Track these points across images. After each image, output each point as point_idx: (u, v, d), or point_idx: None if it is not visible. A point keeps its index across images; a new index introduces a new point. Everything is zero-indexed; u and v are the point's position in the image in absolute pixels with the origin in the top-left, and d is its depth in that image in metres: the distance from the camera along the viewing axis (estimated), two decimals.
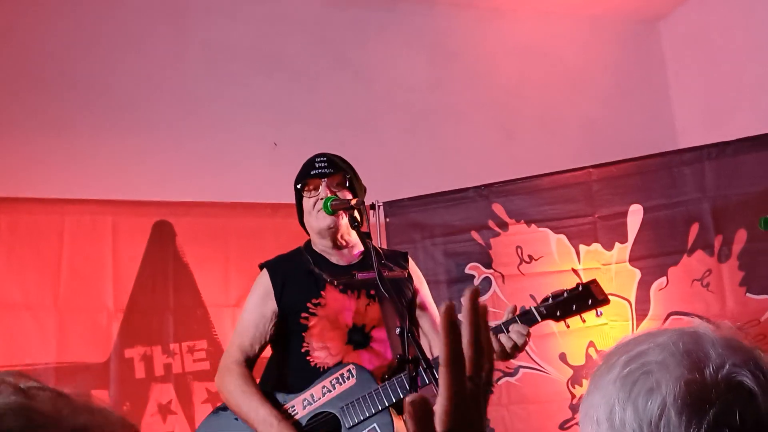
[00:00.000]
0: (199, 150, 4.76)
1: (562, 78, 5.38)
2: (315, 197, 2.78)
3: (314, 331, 2.74)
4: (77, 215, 4.13)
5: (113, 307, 4.08)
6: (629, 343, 0.97)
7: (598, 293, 2.50)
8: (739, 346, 0.92)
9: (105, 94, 4.69)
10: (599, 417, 0.93)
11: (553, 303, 2.51)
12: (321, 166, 2.81)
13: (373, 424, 2.56)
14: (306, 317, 2.75)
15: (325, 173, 2.79)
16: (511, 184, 4.34)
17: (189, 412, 4.06)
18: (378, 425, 2.55)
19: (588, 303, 2.49)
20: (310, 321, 2.74)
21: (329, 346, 2.73)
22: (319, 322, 2.74)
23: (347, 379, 2.63)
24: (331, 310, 2.75)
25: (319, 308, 2.75)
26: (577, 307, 2.49)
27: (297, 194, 2.87)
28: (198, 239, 4.27)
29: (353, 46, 5.18)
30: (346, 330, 2.74)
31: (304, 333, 2.74)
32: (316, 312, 2.75)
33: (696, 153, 4.15)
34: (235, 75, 4.95)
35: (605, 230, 4.19)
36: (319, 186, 2.79)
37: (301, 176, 2.85)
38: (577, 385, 4.11)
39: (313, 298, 2.76)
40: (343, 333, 2.74)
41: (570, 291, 2.51)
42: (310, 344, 2.74)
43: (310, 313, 2.75)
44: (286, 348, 2.81)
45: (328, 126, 4.90)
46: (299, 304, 2.76)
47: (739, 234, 3.99)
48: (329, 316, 2.75)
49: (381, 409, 2.55)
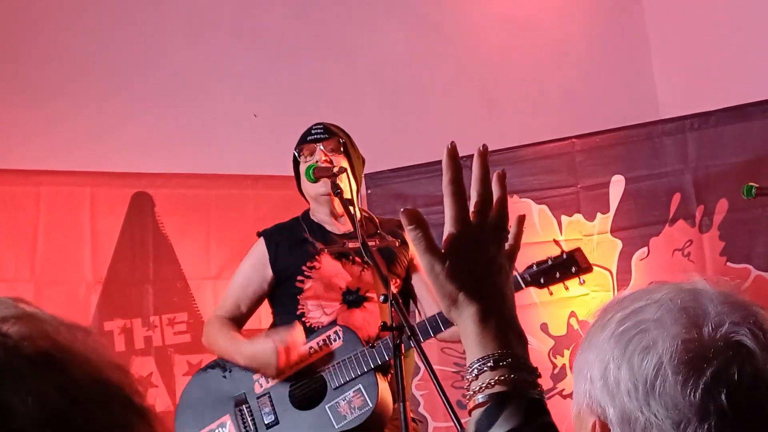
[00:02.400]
0: (178, 121, 4.70)
1: (545, 49, 5.35)
2: (310, 162, 2.79)
3: (309, 293, 2.78)
4: (54, 186, 4.07)
5: (92, 280, 4.04)
6: (625, 299, 0.95)
7: (581, 261, 2.54)
8: (738, 302, 0.90)
9: (83, 64, 4.61)
10: (593, 375, 0.92)
11: (537, 270, 2.53)
12: (317, 132, 2.86)
13: (358, 384, 2.58)
14: (302, 280, 2.79)
15: (319, 138, 2.84)
16: (494, 154, 4.29)
17: (170, 384, 4.04)
18: (363, 386, 2.57)
19: (572, 270, 2.52)
20: (305, 284, 2.78)
21: (324, 305, 2.76)
22: (314, 284, 2.78)
23: (334, 341, 2.65)
24: (326, 273, 2.79)
25: (314, 271, 2.79)
26: (560, 274, 2.53)
27: (294, 161, 2.91)
28: (177, 211, 4.23)
29: (334, 17, 5.12)
30: (340, 292, 2.79)
31: (300, 296, 2.78)
32: (311, 275, 2.79)
33: (678, 123, 4.15)
34: (216, 45, 4.89)
35: (587, 201, 4.19)
36: (314, 151, 2.82)
37: (298, 143, 2.89)
38: (558, 355, 4.13)
39: (308, 261, 2.80)
40: (338, 294, 2.78)
41: (554, 259, 2.54)
42: (305, 306, 2.78)
43: (305, 276, 2.79)
44: (282, 312, 2.85)
45: (308, 97, 4.85)
46: (294, 267, 2.80)
47: (721, 204, 4.00)
48: (323, 279, 2.78)
49: (366, 370, 2.57)
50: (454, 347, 4.18)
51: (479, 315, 0.96)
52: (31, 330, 0.61)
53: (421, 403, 4.17)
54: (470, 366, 0.96)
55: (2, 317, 0.61)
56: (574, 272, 2.53)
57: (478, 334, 0.96)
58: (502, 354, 0.94)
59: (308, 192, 2.86)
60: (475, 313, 0.96)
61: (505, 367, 0.94)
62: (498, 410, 0.91)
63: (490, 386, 0.93)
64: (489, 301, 0.97)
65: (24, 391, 0.56)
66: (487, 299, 0.97)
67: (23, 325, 0.61)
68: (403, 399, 2.19)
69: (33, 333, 0.61)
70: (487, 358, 0.94)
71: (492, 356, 0.94)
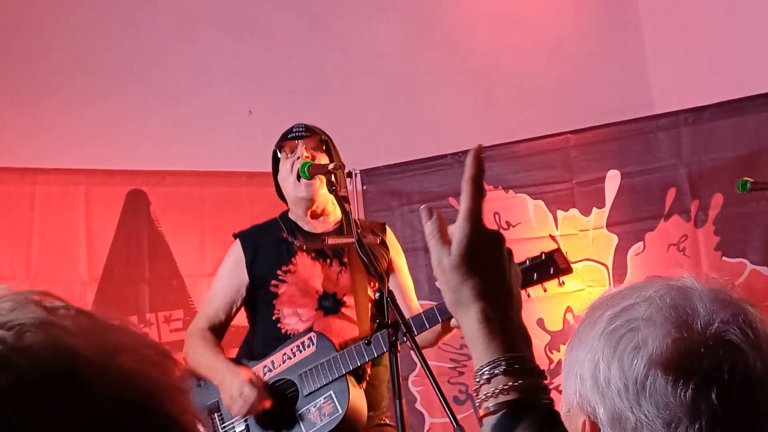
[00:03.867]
0: (173, 118, 4.69)
1: (539, 44, 5.34)
2: (292, 159, 2.79)
3: (284, 298, 2.75)
4: (49, 185, 4.07)
5: (87, 278, 4.03)
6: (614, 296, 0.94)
7: (560, 262, 2.47)
8: (727, 299, 0.90)
9: (77, 63, 4.60)
10: (583, 374, 0.91)
11: None
12: (298, 130, 2.84)
13: (329, 391, 2.56)
14: (276, 285, 2.75)
15: (301, 135, 2.82)
16: (489, 150, 4.32)
17: None
18: (334, 392, 2.56)
19: (550, 272, 2.46)
20: (279, 288, 2.75)
21: (300, 312, 2.73)
22: (289, 288, 2.75)
23: (307, 347, 2.63)
24: (301, 277, 2.75)
25: (289, 275, 2.76)
26: (538, 276, 2.46)
27: (274, 160, 2.89)
28: (173, 208, 4.22)
29: (328, 12, 5.11)
30: (316, 297, 2.75)
31: (275, 300, 2.75)
32: (286, 279, 2.75)
33: (672, 118, 4.15)
34: (209, 41, 4.87)
35: (583, 196, 4.19)
36: (295, 148, 2.80)
37: (279, 140, 2.88)
38: (554, 350, 4.13)
39: (283, 265, 2.76)
40: (314, 299, 2.74)
41: (532, 260, 2.48)
42: (281, 311, 2.75)
43: (279, 280, 2.76)
44: (258, 317, 2.83)
45: (303, 93, 4.84)
46: (269, 272, 2.77)
47: (716, 199, 4.01)
48: (299, 283, 2.75)
49: (338, 376, 2.56)
50: (450, 343, 4.18)
51: (485, 314, 0.93)
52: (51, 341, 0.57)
53: (418, 399, 4.18)
54: (480, 369, 0.92)
55: (21, 324, 0.57)
56: (553, 274, 2.46)
57: (484, 335, 0.92)
58: (513, 358, 0.91)
59: (288, 191, 2.82)
60: (480, 311, 0.93)
61: (516, 372, 0.90)
62: (513, 422, 0.88)
63: (504, 393, 0.90)
64: (496, 300, 0.94)
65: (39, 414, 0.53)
66: (494, 298, 0.94)
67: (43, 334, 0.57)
68: (399, 396, 2.18)
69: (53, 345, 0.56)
70: (497, 362, 0.91)
71: (502, 360, 0.91)
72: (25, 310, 0.59)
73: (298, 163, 2.74)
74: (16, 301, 0.60)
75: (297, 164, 2.74)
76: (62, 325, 0.58)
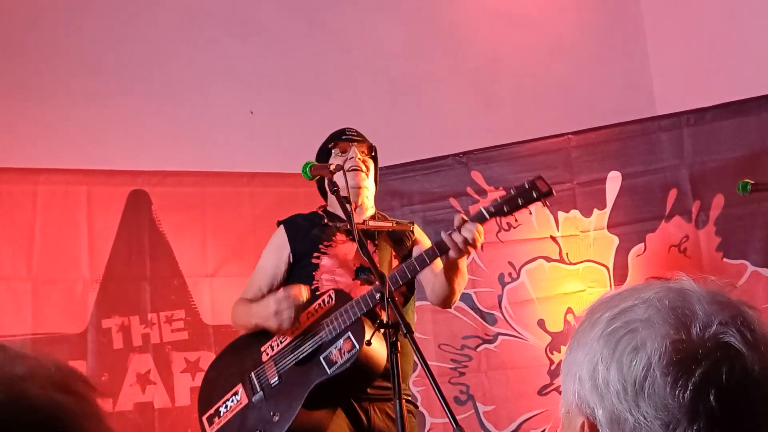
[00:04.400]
0: (174, 118, 4.70)
1: (541, 44, 5.34)
2: (344, 157, 2.97)
3: (324, 269, 2.90)
4: (51, 185, 4.08)
5: (89, 277, 4.04)
6: (613, 298, 0.95)
7: (542, 186, 2.61)
8: (726, 301, 0.90)
9: (79, 63, 4.61)
10: (582, 375, 0.92)
11: (500, 200, 2.64)
12: (351, 134, 3.05)
13: (347, 333, 2.72)
14: (318, 256, 2.92)
15: (354, 139, 3.03)
16: (490, 151, 4.33)
17: (168, 381, 4.05)
18: (351, 333, 2.71)
19: (533, 195, 2.60)
20: (321, 260, 2.91)
21: (338, 281, 2.89)
22: (329, 261, 2.91)
23: (327, 303, 2.80)
24: (341, 251, 2.93)
25: (330, 248, 2.93)
26: (523, 200, 2.61)
27: (325, 154, 3.04)
28: (174, 208, 4.23)
29: (330, 12, 5.12)
30: (353, 269, 2.91)
31: (315, 272, 2.90)
32: (327, 251, 2.92)
33: (674, 119, 4.16)
34: (210, 41, 4.88)
35: (584, 197, 4.19)
36: (347, 149, 3.00)
37: (333, 138, 3.05)
38: (555, 351, 4.13)
39: (325, 241, 2.95)
40: (351, 270, 2.91)
41: (516, 188, 2.64)
42: (320, 281, 2.89)
43: (321, 253, 2.93)
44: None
45: (304, 93, 4.85)
46: (312, 248, 2.94)
47: (717, 200, 4.01)
48: (338, 256, 2.92)
49: (354, 320, 2.70)
50: (451, 344, 4.19)
51: None
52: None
53: (419, 400, 4.18)
54: None
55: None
56: (536, 197, 2.60)
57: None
58: None
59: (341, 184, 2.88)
60: None
61: None
62: None
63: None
64: None
65: None
66: None
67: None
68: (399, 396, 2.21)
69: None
70: None
71: None
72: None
73: (350, 162, 2.94)
74: None
75: (349, 163, 2.93)
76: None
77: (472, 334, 4.19)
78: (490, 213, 2.64)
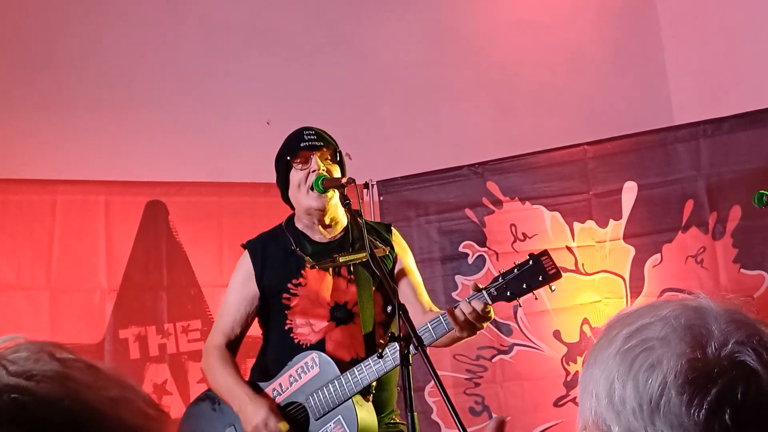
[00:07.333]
0: (192, 129, 4.73)
1: (558, 54, 5.34)
2: (306, 170, 2.72)
3: (296, 310, 2.76)
4: (69, 195, 4.11)
5: (107, 286, 4.07)
6: (630, 315, 0.95)
7: (549, 267, 2.42)
8: (742, 320, 0.90)
9: (98, 73, 4.65)
10: (598, 392, 0.92)
11: (503, 282, 2.44)
12: (310, 139, 2.75)
13: (338, 415, 2.58)
14: (288, 297, 2.76)
15: (315, 146, 2.74)
16: (506, 161, 4.33)
17: (185, 392, 4.07)
18: (342, 416, 2.57)
19: (539, 280, 2.41)
20: (291, 301, 2.76)
21: (312, 323, 2.74)
22: (301, 301, 2.75)
23: (311, 368, 2.65)
24: (312, 289, 2.76)
25: (300, 288, 2.76)
26: (527, 285, 2.43)
27: (284, 167, 2.80)
28: (191, 219, 4.25)
29: (349, 23, 5.14)
30: (328, 308, 2.75)
31: (287, 311, 2.76)
32: (297, 292, 2.76)
33: (691, 130, 4.14)
34: (230, 52, 4.91)
35: (600, 207, 4.18)
36: (309, 159, 2.73)
37: (290, 149, 2.78)
38: (571, 362, 4.12)
39: (294, 278, 2.77)
40: (326, 311, 2.75)
41: (520, 266, 2.44)
42: (293, 321, 2.76)
43: (291, 294, 2.76)
44: (271, 326, 2.84)
45: (322, 104, 4.86)
46: (280, 285, 2.77)
47: (734, 211, 3.99)
48: (310, 295, 2.75)
49: (344, 400, 2.57)
50: (466, 354, 4.18)
51: None
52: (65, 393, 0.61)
53: (434, 410, 4.17)
54: None
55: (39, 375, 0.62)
56: (542, 281, 2.41)
57: None
58: None
59: (299, 201, 2.76)
60: None
61: None
62: None
63: None
64: None
65: None
66: None
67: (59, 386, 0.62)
68: (411, 409, 2.18)
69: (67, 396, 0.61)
70: None
71: None
72: (41, 362, 0.63)
73: (313, 176, 2.69)
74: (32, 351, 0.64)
75: (311, 177, 2.69)
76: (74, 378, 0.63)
77: (488, 344, 4.18)
78: (493, 298, 2.44)
